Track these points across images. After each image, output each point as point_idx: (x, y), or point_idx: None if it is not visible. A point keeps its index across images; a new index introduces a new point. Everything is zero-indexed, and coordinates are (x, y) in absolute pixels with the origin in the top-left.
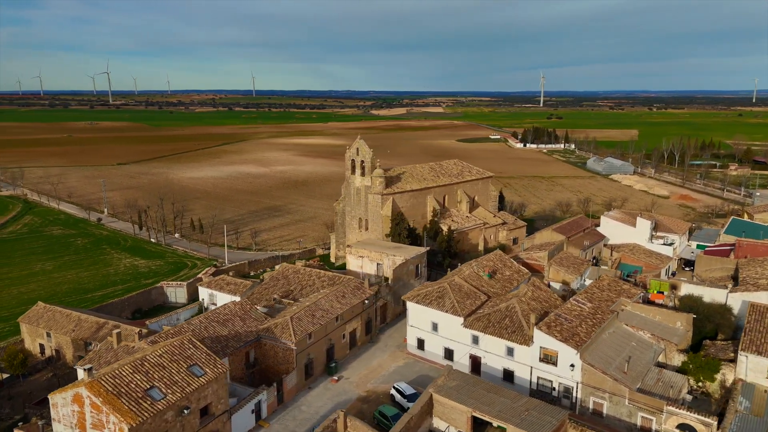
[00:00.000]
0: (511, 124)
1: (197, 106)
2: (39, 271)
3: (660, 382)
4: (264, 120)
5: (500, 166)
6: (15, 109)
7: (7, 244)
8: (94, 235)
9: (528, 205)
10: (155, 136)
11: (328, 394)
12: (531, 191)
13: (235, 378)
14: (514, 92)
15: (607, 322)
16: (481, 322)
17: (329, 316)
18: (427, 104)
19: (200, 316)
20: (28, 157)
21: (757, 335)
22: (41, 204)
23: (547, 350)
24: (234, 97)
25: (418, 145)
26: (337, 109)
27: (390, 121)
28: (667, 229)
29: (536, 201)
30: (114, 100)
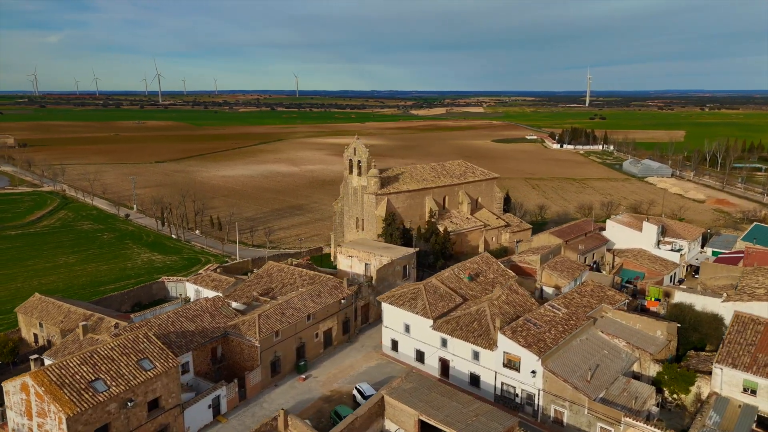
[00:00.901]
0: (552, 124)
1: (241, 106)
2: (62, 264)
3: (625, 393)
4: (303, 120)
5: (533, 167)
6: (70, 109)
7: (39, 237)
8: (120, 230)
9: (550, 207)
10: (196, 135)
11: (292, 392)
12: (559, 193)
13: (201, 373)
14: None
15: (580, 329)
16: (449, 324)
17: (300, 314)
18: (468, 104)
19: (170, 311)
20: (75, 155)
21: (736, 347)
22: (77, 200)
23: (510, 355)
24: (278, 97)
25: (451, 145)
26: (377, 109)
27: (428, 121)
28: (675, 234)
29: (562, 203)
30: (163, 100)
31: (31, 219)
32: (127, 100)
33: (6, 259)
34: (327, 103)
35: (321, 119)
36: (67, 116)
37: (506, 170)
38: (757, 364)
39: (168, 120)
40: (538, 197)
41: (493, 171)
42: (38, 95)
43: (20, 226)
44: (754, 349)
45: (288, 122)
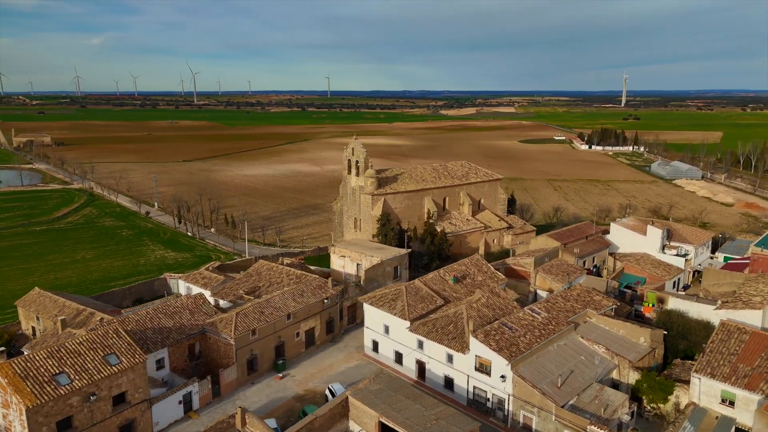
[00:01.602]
0: (583, 124)
1: (273, 107)
2: (80, 259)
3: (597, 400)
4: (332, 120)
5: (557, 168)
6: (109, 109)
7: (61, 233)
8: (139, 227)
9: (568, 209)
10: (226, 135)
11: (267, 390)
12: (581, 195)
13: (177, 369)
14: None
15: (558, 334)
16: (426, 326)
17: (279, 313)
18: (500, 104)
19: (149, 308)
20: (107, 153)
21: (717, 357)
22: (103, 197)
23: (482, 359)
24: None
25: (476, 145)
26: (407, 109)
27: (457, 121)
28: (681, 239)
29: (582, 205)
30: (198, 100)
31: (57, 215)
32: (164, 101)
33: (28, 253)
34: (357, 104)
35: (350, 119)
36: (105, 116)
37: (529, 171)
38: (736, 374)
39: (200, 120)
40: (558, 199)
41: (516, 172)
42: (80, 96)
43: (46, 222)
44: (736, 359)
45: (317, 122)
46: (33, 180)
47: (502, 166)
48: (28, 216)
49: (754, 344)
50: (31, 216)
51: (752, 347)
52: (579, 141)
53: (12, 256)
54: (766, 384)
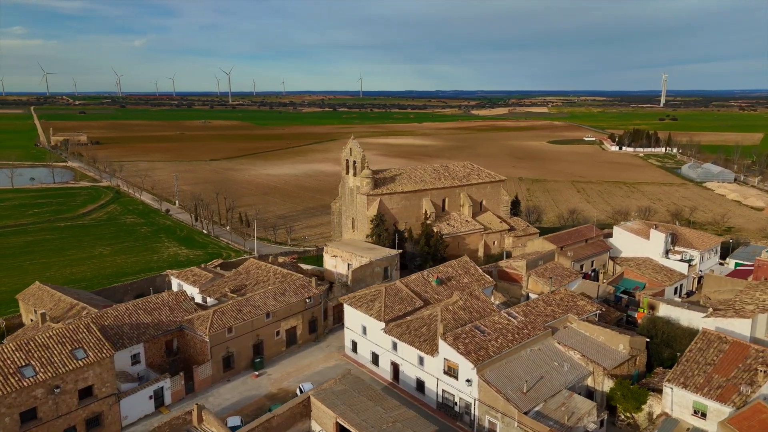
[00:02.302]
0: (617, 125)
1: (305, 107)
2: (97, 255)
3: (563, 407)
4: (362, 120)
5: (584, 169)
6: (147, 109)
7: (84, 229)
8: (158, 224)
9: (587, 211)
10: (255, 134)
11: (242, 388)
12: (604, 197)
13: (154, 364)
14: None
15: (533, 339)
16: (400, 328)
17: (258, 312)
18: (534, 104)
19: (129, 303)
20: (139, 152)
21: (693, 366)
22: (128, 194)
23: (450, 362)
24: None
25: (503, 145)
26: (438, 109)
27: (487, 121)
28: (687, 243)
29: (603, 207)
30: (233, 100)
31: (82, 212)
32: (200, 101)
33: (49, 248)
34: (389, 104)
35: (379, 119)
36: (143, 116)
37: (554, 172)
38: (710, 385)
39: (233, 120)
40: (578, 201)
41: (540, 173)
42: (121, 96)
43: (71, 218)
44: (712, 369)
45: (347, 122)
46: (64, 177)
47: (526, 167)
48: (55, 212)
49: (733, 354)
50: (58, 212)
51: (731, 357)
52: (609, 142)
53: (34, 251)
54: (738, 396)
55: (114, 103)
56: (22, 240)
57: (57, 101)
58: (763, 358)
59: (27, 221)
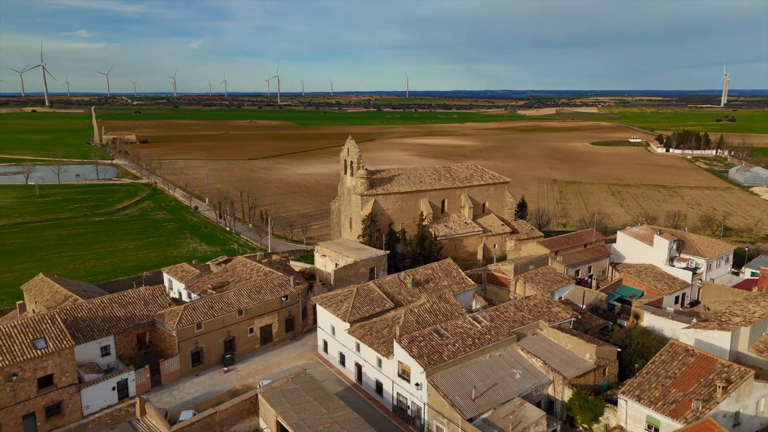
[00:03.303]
0: (669, 126)
1: (350, 107)
2: (121, 249)
3: (511, 416)
4: (404, 120)
5: (623, 171)
6: (198, 109)
7: (115, 224)
8: (185, 221)
9: (612, 215)
10: (297, 134)
11: (208, 383)
12: (639, 201)
13: (125, 357)
14: (692, 91)
15: (494, 344)
16: (363, 329)
17: (230, 309)
18: (585, 104)
19: (105, 297)
20: (183, 151)
21: (651, 378)
22: (164, 192)
23: (403, 365)
24: (388, 98)
25: (543, 146)
26: (484, 109)
27: (532, 121)
28: (694, 251)
29: (637, 212)
30: (282, 101)
31: (117, 207)
32: (249, 101)
33: (79, 242)
34: (434, 104)
35: (422, 120)
36: (193, 116)
37: (591, 174)
38: (664, 399)
39: (278, 120)
40: (611, 204)
41: (576, 175)
42: (176, 96)
43: (106, 213)
44: (671, 382)
45: (389, 122)
46: (108, 174)
47: (563, 169)
48: (93, 207)
49: (697, 368)
50: (95, 208)
51: (694, 371)
52: (656, 144)
53: (66, 244)
54: (692, 413)
55: (168, 104)
56: (57, 233)
57: (117, 101)
58: (727, 374)
59: (65, 216)
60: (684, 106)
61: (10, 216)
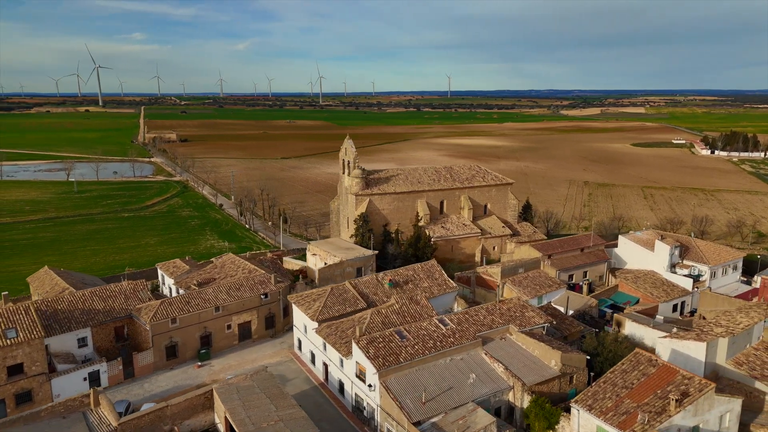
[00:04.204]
0: (719, 127)
1: (390, 107)
2: (143, 244)
3: (461, 421)
4: (442, 120)
5: (661, 174)
6: (242, 109)
7: (142, 220)
8: (208, 218)
9: (638, 219)
10: (333, 134)
11: (181, 377)
12: (672, 205)
13: (102, 349)
14: (750, 91)
15: (456, 348)
16: (329, 329)
17: (207, 305)
18: (633, 104)
19: (87, 290)
20: (219, 149)
21: (608, 388)
22: (194, 189)
23: (360, 365)
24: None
25: (581, 147)
26: (527, 109)
27: (575, 121)
28: (698, 257)
29: (667, 216)
30: (324, 101)
31: (147, 204)
32: (292, 101)
33: (106, 236)
34: (476, 104)
35: (461, 120)
36: (236, 115)
37: (626, 176)
38: (616, 410)
39: (317, 120)
40: (641, 208)
41: (611, 177)
42: (222, 97)
43: (135, 209)
44: (627, 393)
45: (426, 122)
46: (144, 172)
47: (598, 170)
48: (124, 203)
49: (657, 378)
50: (127, 204)
51: (653, 382)
52: (701, 145)
53: (92, 238)
54: (641, 426)
55: (214, 104)
56: (86, 228)
57: (166, 102)
58: (686, 386)
59: (97, 211)
60: (739, 107)
61: (47, 210)
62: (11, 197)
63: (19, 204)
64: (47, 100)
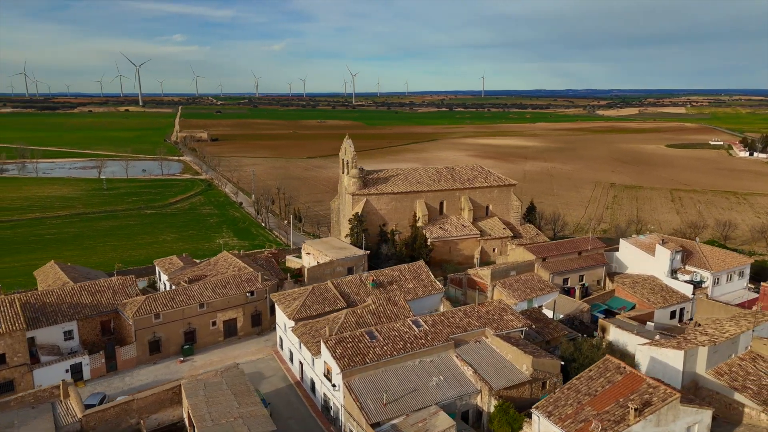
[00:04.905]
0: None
1: (422, 107)
2: (160, 241)
3: (420, 424)
4: (473, 120)
5: (694, 176)
6: (276, 109)
7: (163, 217)
8: (227, 216)
9: (662, 223)
10: (362, 133)
11: (162, 371)
12: (699, 207)
13: (88, 342)
14: None
15: (427, 350)
16: (305, 328)
17: (191, 302)
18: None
19: (77, 284)
20: (247, 149)
21: (571, 394)
22: (218, 187)
23: (328, 365)
24: (463, 98)
25: (614, 148)
26: (562, 109)
27: (610, 122)
28: (701, 263)
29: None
30: (357, 101)
31: (170, 201)
32: (325, 101)
33: (126, 233)
34: (510, 104)
35: (493, 119)
36: (269, 115)
37: (656, 179)
38: (575, 418)
39: (348, 120)
40: (666, 211)
41: (639, 179)
42: (257, 97)
43: (158, 206)
44: (589, 400)
45: (457, 122)
46: (172, 170)
47: (627, 172)
48: (149, 201)
49: (621, 387)
50: (151, 201)
51: (617, 390)
52: (739, 147)
53: (114, 234)
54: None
55: (249, 104)
56: (109, 224)
57: (203, 101)
58: (650, 396)
59: (122, 208)
60: None
61: (75, 207)
62: (44, 193)
63: (50, 200)
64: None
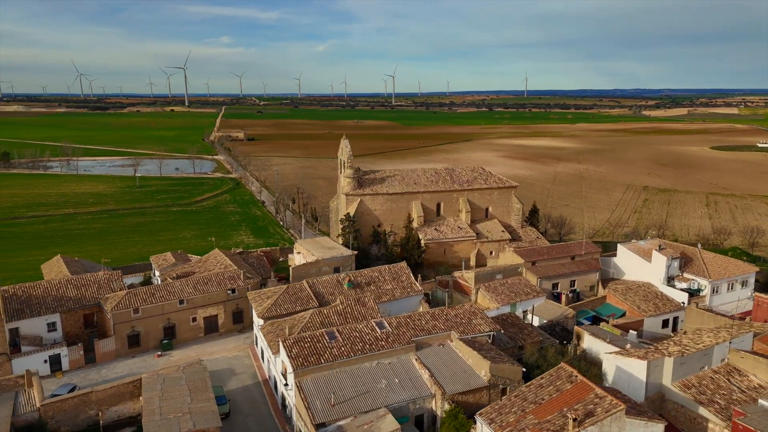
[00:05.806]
0: None
1: (462, 107)
2: (180, 237)
3: (367, 426)
4: (512, 120)
5: (735, 180)
6: (316, 109)
7: (187, 214)
8: (248, 214)
9: (690, 228)
10: (396, 133)
11: (139, 365)
12: (735, 213)
13: (72, 334)
14: None
15: (385, 352)
16: (272, 326)
17: (171, 297)
18: (727, 104)
19: (63, 278)
20: (281, 148)
21: (516, 402)
22: (245, 186)
23: (285, 364)
24: (505, 97)
25: (654, 150)
26: (607, 109)
27: (655, 122)
28: (700, 271)
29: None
30: (397, 101)
31: (196, 199)
32: (365, 102)
33: (150, 229)
34: (553, 104)
35: (533, 120)
36: (308, 115)
37: (693, 182)
38: (516, 426)
39: (385, 120)
40: (698, 216)
41: (676, 182)
42: (299, 97)
43: (184, 204)
44: (533, 408)
45: (495, 122)
46: (204, 168)
47: (664, 175)
48: (177, 198)
49: (568, 395)
50: (179, 198)
51: (564, 399)
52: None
53: (137, 230)
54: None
55: (291, 104)
56: (135, 221)
57: (246, 102)
58: (594, 406)
59: (150, 204)
60: None
61: (106, 203)
62: (80, 190)
63: (84, 196)
64: (140, 100)
